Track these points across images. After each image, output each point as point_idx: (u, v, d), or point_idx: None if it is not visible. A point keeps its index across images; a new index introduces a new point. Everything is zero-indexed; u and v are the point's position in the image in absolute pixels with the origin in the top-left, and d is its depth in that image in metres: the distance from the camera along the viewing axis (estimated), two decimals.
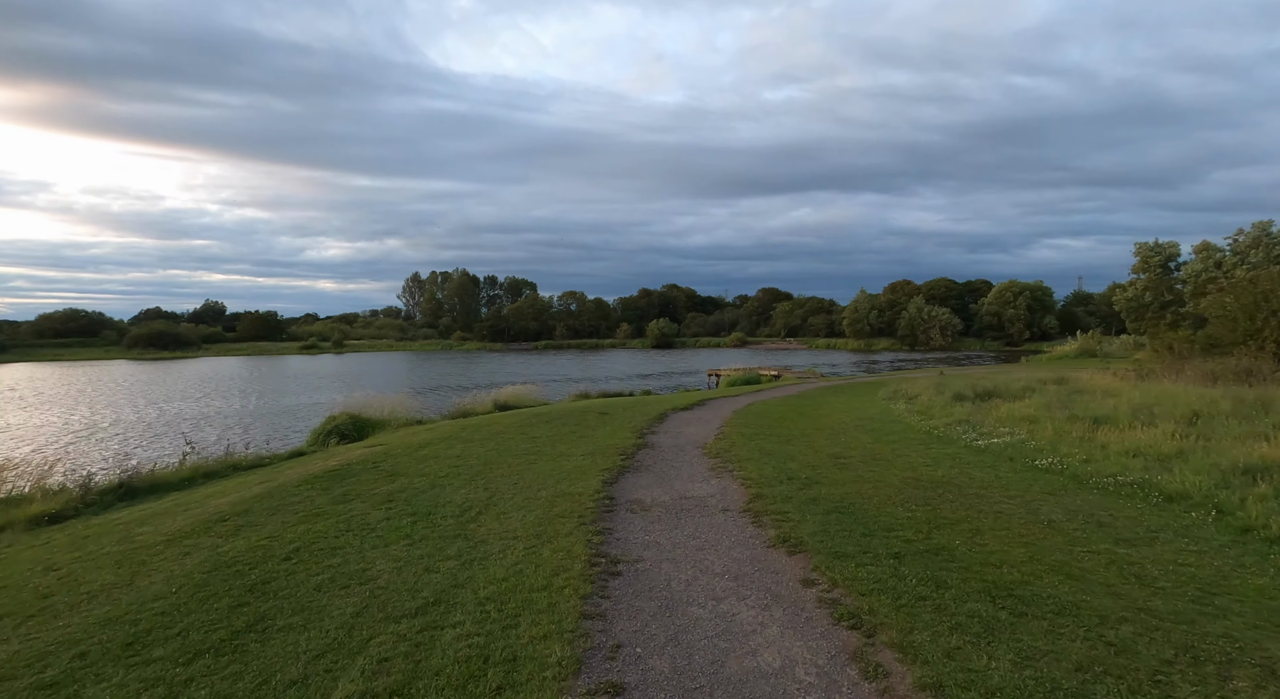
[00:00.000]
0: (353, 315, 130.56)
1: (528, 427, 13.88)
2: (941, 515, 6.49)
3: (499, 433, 12.91)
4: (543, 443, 11.57)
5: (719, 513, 6.93)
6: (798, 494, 7.45)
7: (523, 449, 10.93)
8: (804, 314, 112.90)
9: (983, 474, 8.45)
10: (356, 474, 9.00)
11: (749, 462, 9.61)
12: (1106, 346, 62.99)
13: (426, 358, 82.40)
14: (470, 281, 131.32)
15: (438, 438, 12.43)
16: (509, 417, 16.40)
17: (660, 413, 16.36)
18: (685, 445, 11.69)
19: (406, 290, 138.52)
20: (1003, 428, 11.94)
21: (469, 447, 11.27)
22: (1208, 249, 57.85)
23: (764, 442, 11.73)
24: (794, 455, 10.25)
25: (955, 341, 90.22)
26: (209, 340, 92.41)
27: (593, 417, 15.60)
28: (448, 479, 8.60)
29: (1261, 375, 20.40)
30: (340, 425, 19.12)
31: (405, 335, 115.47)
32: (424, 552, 5.70)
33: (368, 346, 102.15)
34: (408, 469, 9.29)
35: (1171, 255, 64.66)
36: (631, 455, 10.47)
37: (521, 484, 8.24)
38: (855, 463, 9.48)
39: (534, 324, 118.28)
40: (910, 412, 15.93)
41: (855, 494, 7.47)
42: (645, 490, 8.03)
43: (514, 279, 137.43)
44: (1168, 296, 62.80)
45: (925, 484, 7.95)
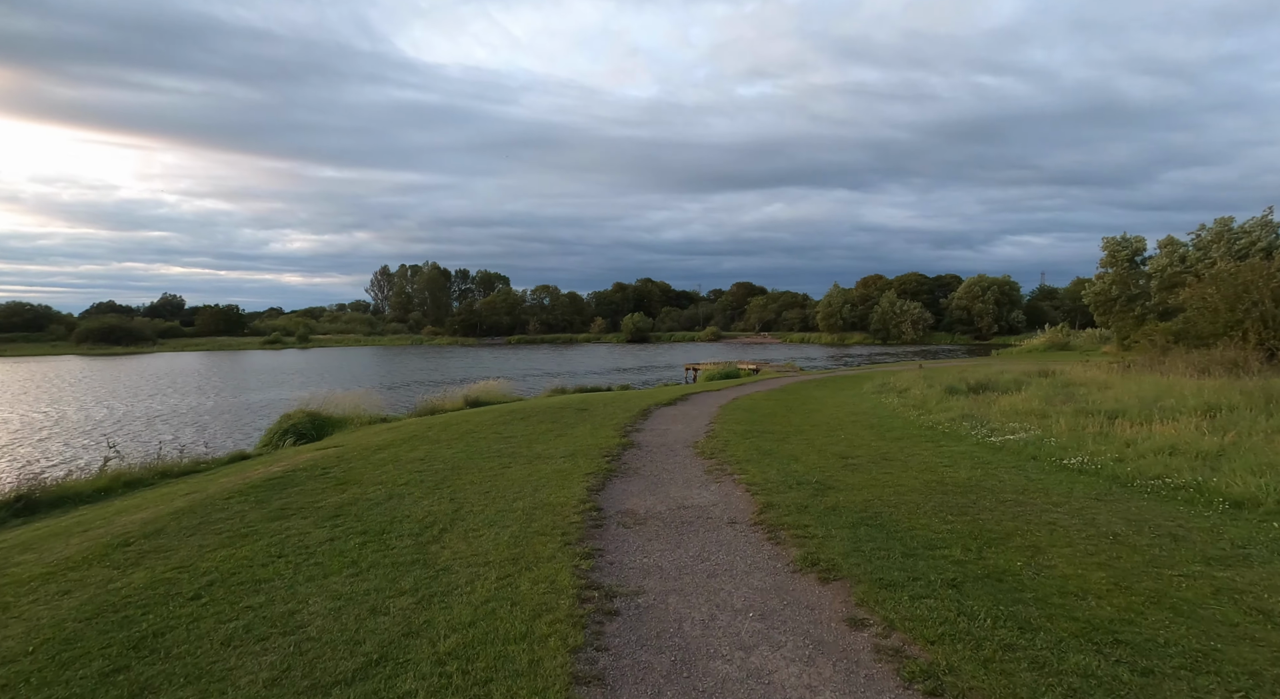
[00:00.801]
0: (319, 309, 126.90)
1: (501, 425, 12.74)
2: (986, 528, 5.58)
3: (469, 432, 11.76)
4: (518, 443, 10.46)
5: (726, 526, 5.94)
6: (813, 502, 6.49)
7: (495, 451, 9.81)
8: (778, 308, 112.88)
9: (1011, 476, 7.60)
10: (301, 482, 7.79)
11: (749, 463, 8.64)
12: (1074, 340, 63.82)
13: (395, 353, 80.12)
14: (441, 275, 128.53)
15: (400, 438, 11.23)
16: (480, 414, 15.22)
17: (643, 408, 15.34)
18: (674, 444, 10.69)
19: (375, 284, 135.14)
20: (1011, 423, 11.18)
21: (435, 448, 10.11)
22: (1172, 244, 58.73)
23: (759, 440, 10.78)
24: (796, 455, 9.31)
25: (926, 335, 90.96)
26: (165, 335, 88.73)
27: (571, 413, 14.50)
28: (408, 488, 7.45)
29: (1249, 367, 20.19)
30: (297, 424, 17.72)
31: (374, 330, 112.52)
32: (372, 584, 4.59)
33: (334, 341, 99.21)
34: (362, 475, 8.11)
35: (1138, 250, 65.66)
36: (617, 457, 9.43)
37: (494, 493, 7.14)
38: (865, 464, 8.58)
39: (507, 318, 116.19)
40: (905, 406, 15.16)
41: (877, 501, 6.54)
42: (637, 499, 7.00)
43: (486, 273, 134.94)
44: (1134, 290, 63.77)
45: (952, 488, 7.06)
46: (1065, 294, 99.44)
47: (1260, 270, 24.42)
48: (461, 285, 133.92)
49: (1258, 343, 22.71)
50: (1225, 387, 14.67)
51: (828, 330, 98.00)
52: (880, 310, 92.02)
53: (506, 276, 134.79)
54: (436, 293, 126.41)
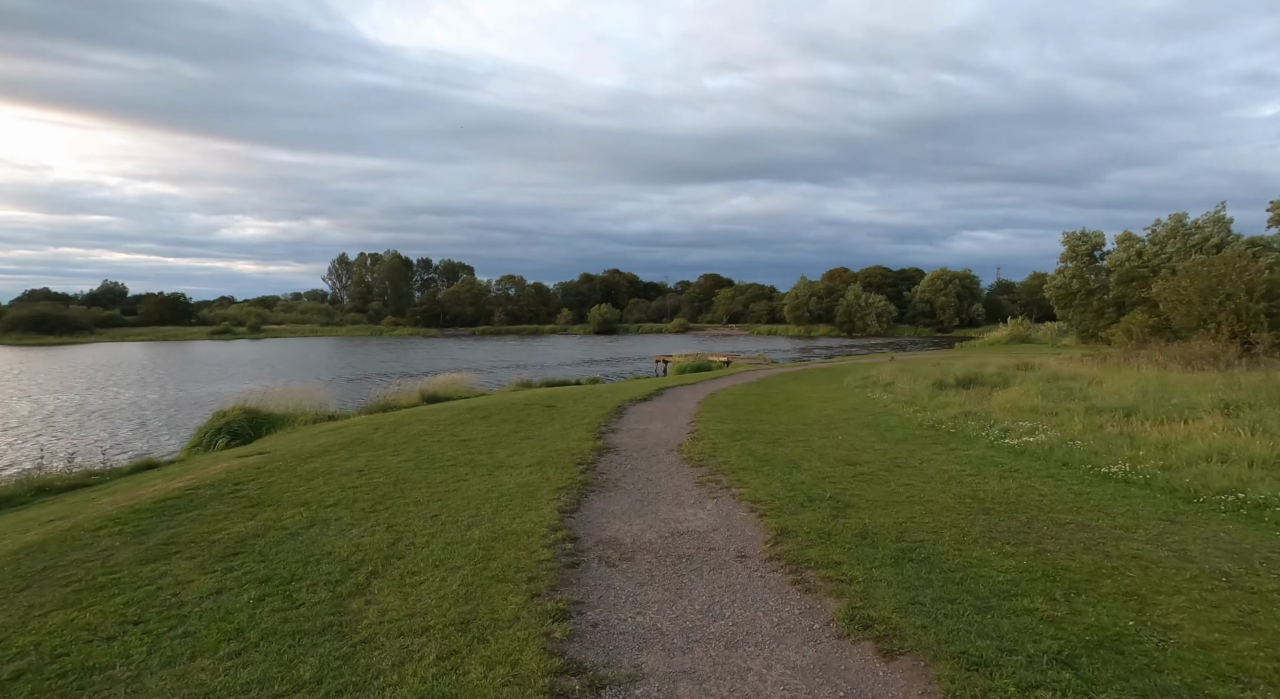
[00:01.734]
0: (273, 298, 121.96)
1: (459, 425, 11.33)
2: (1059, 564, 4.50)
3: (421, 434, 10.33)
4: (477, 448, 9.09)
5: (736, 562, 4.73)
6: (835, 527, 5.33)
7: (449, 458, 8.43)
8: (745, 300, 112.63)
9: (1052, 489, 6.58)
10: (202, 504, 6.31)
11: (746, 472, 7.47)
12: (1034, 333, 64.83)
13: (354, 344, 77.11)
14: (402, 264, 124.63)
15: (340, 442, 9.74)
16: (437, 411, 13.75)
17: (616, 405, 14.08)
18: (656, 448, 9.46)
19: (333, 272, 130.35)
20: (1021, 422, 10.26)
21: (378, 456, 8.68)
22: (1130, 239, 59.79)
23: (751, 442, 9.63)
24: (797, 462, 8.18)
25: (890, 328, 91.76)
26: (105, 325, 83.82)
27: (538, 411, 13.16)
28: (337, 510, 6.06)
29: (1228, 360, 19.95)
30: (231, 423, 15.96)
31: (331, 320, 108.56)
32: (257, 673, 3.24)
33: (289, 332, 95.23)
34: (282, 494, 6.67)
35: (1097, 244, 66.84)
36: (592, 465, 8.15)
37: (444, 517, 5.80)
38: (878, 473, 7.49)
39: (471, 309, 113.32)
40: (896, 401, 14.23)
41: (912, 525, 5.42)
42: (621, 522, 5.75)
43: (450, 262, 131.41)
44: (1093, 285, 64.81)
45: (991, 505, 5.99)
46: (1022, 288, 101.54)
47: (1232, 263, 24.37)
48: (424, 275, 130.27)
49: (1231, 335, 22.62)
50: (1221, 380, 14.13)
51: (795, 323, 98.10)
52: (846, 303, 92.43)
53: (471, 266, 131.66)
54: (398, 282, 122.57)
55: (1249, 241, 51.67)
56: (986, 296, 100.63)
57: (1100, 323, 55.01)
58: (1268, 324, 22.85)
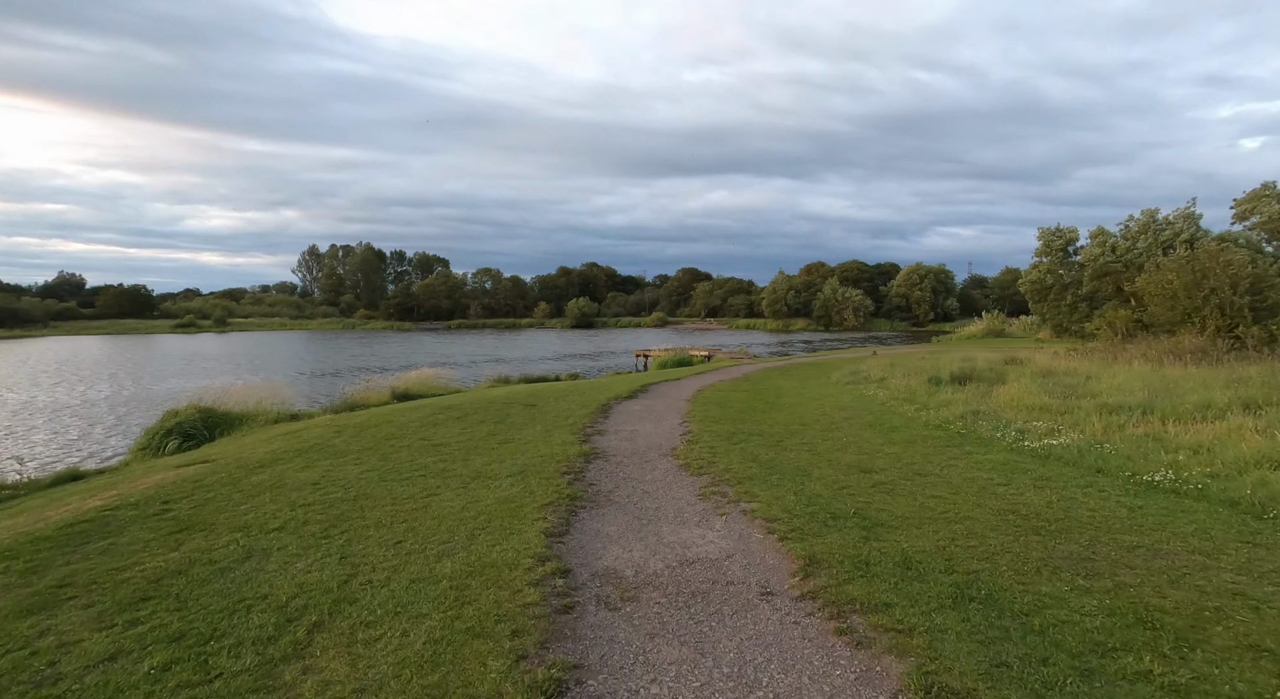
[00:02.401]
0: (240, 291, 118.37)
1: (431, 426, 10.38)
2: (1150, 604, 3.77)
3: (389, 438, 9.36)
4: (450, 455, 8.17)
5: (761, 601, 3.94)
6: (871, 553, 4.56)
7: (419, 467, 7.50)
8: (724, 294, 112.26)
9: (1096, 501, 5.89)
10: (120, 528, 5.33)
11: (753, 482, 6.68)
12: (1009, 327, 65.44)
13: (325, 338, 75.00)
14: (375, 256, 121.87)
15: (296, 448, 8.74)
16: (408, 411, 12.76)
17: (601, 403, 13.22)
18: (648, 452, 8.63)
19: (303, 264, 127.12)
20: (1035, 422, 9.63)
21: (338, 465, 7.71)
22: (1103, 234, 60.47)
23: (750, 445, 8.86)
24: (805, 468, 7.42)
25: (867, 322, 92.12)
26: (60, 317, 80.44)
27: (518, 410, 12.25)
28: (281, 535, 5.12)
29: (1217, 355, 19.76)
30: (184, 423, 14.77)
31: (301, 313, 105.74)
32: None
33: (257, 325, 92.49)
34: (218, 514, 5.70)
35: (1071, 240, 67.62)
36: (580, 473, 7.30)
37: (409, 544, 4.91)
38: (899, 482, 6.75)
39: (446, 302, 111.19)
40: (894, 399, 13.59)
41: (958, 549, 4.68)
42: (619, 548, 4.92)
43: (424, 255, 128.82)
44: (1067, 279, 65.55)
45: (1039, 524, 5.28)
46: (995, 283, 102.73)
47: (1216, 257, 24.25)
48: (398, 267, 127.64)
49: (1216, 330, 22.49)
50: (1223, 376, 13.76)
51: (773, 317, 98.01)
52: (823, 297, 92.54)
53: (446, 259, 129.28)
54: (370, 275, 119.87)
55: (1218, 237, 52.53)
56: (960, 291, 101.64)
57: (1074, 317, 55.54)
58: (1252, 318, 22.77)
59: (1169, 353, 19.55)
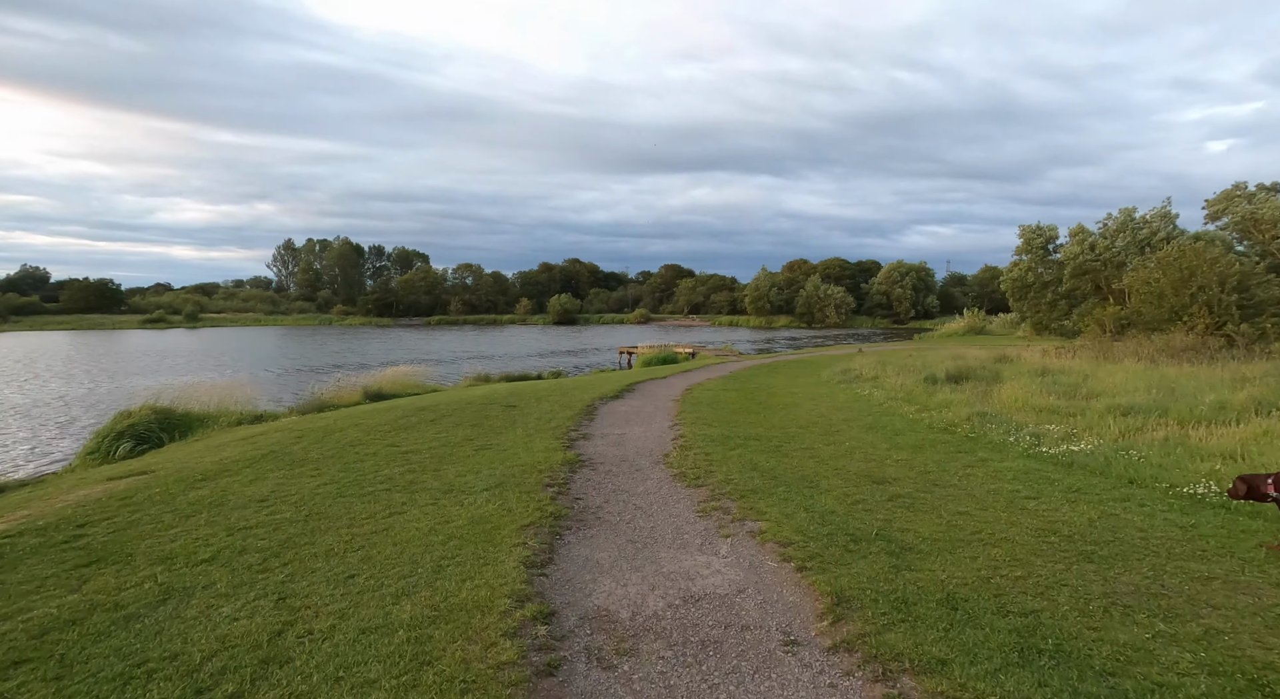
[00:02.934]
0: (213, 285, 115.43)
1: (402, 430, 9.57)
2: (1254, 659, 3.15)
3: (354, 444, 8.55)
4: (421, 464, 7.39)
5: (784, 655, 3.26)
6: (905, 588, 3.91)
7: (384, 479, 6.72)
8: (706, 291, 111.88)
9: (1141, 518, 5.30)
10: (15, 562, 4.48)
11: (757, 496, 6.01)
12: (989, 325, 65.82)
13: (301, 334, 73.25)
14: (353, 251, 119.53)
15: (249, 456, 7.89)
16: (378, 412, 11.92)
17: (586, 404, 12.50)
18: (638, 459, 7.93)
19: (278, 259, 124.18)
20: (1047, 426, 9.09)
21: (293, 476, 6.90)
22: (1082, 232, 61.00)
23: (748, 451, 8.20)
24: (811, 479, 6.77)
25: (849, 319, 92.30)
26: (21, 312, 77.70)
27: (497, 412, 11.47)
28: (211, 569, 4.34)
29: (1209, 353, 19.55)
30: (138, 425, 13.78)
31: (277, 309, 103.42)
32: None
33: (230, 321, 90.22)
34: (140, 542, 4.89)
35: (1051, 238, 68.13)
36: (564, 485, 6.57)
37: (363, 579, 4.16)
38: (918, 496, 6.12)
39: (426, 298, 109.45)
40: (891, 399, 13.03)
41: (1001, 580, 4.03)
42: (611, 581, 4.21)
43: (403, 250, 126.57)
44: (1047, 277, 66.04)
45: (1088, 548, 4.66)
46: (974, 281, 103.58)
47: (1203, 255, 24.13)
48: (376, 262, 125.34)
49: (1206, 328, 22.34)
50: (1227, 374, 13.40)
51: (756, 314, 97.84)
52: (806, 294, 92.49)
53: (426, 254, 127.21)
54: (348, 270, 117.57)
55: (1193, 236, 53.15)
56: (940, 289, 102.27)
57: (1054, 315, 55.91)
58: (1239, 316, 22.66)
59: (1161, 351, 19.30)
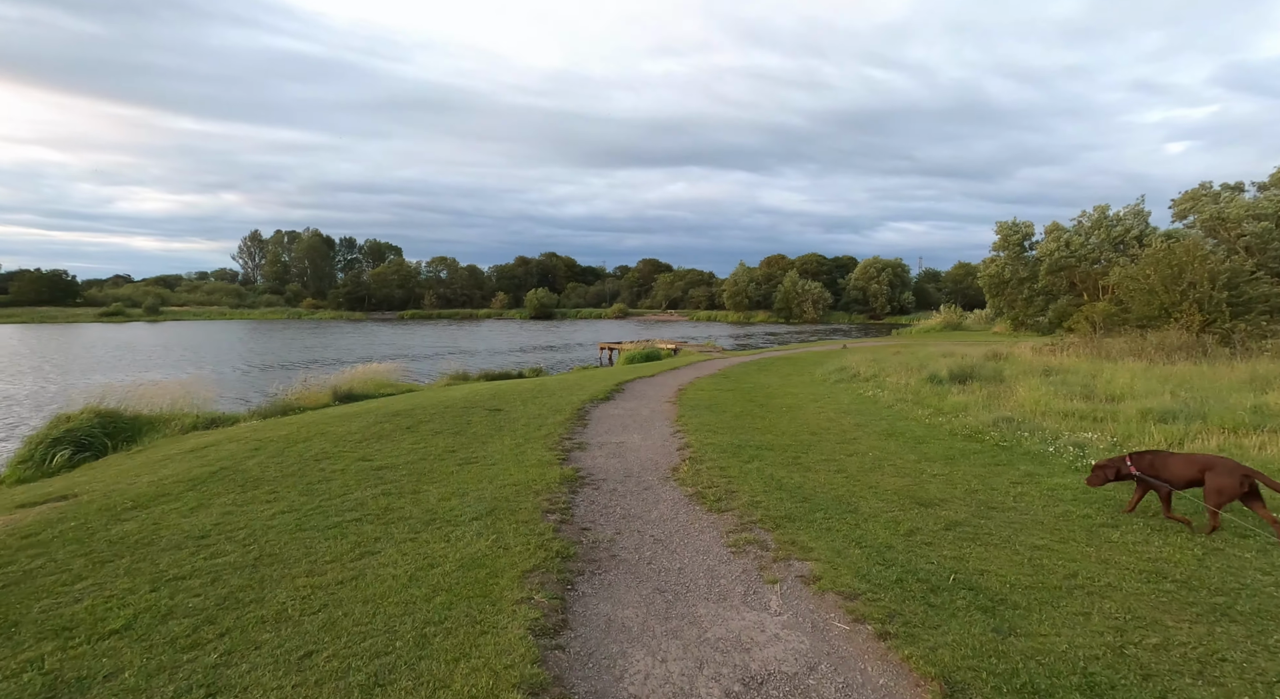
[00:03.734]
0: (175, 277, 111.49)
1: (375, 440, 8.53)
2: None
3: (319, 458, 7.49)
4: (397, 484, 6.39)
5: None
6: (1028, 665, 3.06)
7: (353, 505, 5.71)
8: (685, 286, 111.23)
9: (1266, 562, 4.55)
10: None
11: (794, 525, 5.14)
12: (965, 320, 66.22)
13: (268, 328, 70.79)
14: (323, 243, 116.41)
15: (193, 476, 6.79)
16: (349, 417, 10.82)
17: (576, 407, 11.56)
18: (645, 473, 7.02)
19: (244, 251, 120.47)
20: (1083, 432, 8.39)
21: (243, 503, 5.84)
22: (1057, 229, 61.58)
23: (765, 463, 7.34)
24: (847, 500, 5.93)
25: (826, 314, 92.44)
26: None
27: (480, 416, 10.47)
28: (120, 646, 3.31)
29: (1204, 350, 19.29)
30: (77, 429, 12.49)
31: (243, 302, 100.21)
32: None
33: (193, 314, 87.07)
34: (32, 601, 3.81)
35: (1027, 234, 68.73)
36: (566, 510, 5.64)
37: (320, 665, 3.18)
38: (975, 522, 5.32)
39: (399, 292, 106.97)
40: (899, 401, 12.31)
41: (1137, 651, 3.23)
42: (644, 654, 3.30)
43: (375, 242, 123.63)
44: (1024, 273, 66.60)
45: (1219, 602, 3.88)
46: (948, 277, 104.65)
47: (1193, 252, 23.95)
48: (348, 255, 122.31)
49: (1200, 326, 22.14)
50: (1243, 373, 12.96)
51: (734, 309, 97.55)
52: (784, 290, 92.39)
53: (399, 247, 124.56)
54: (318, 262, 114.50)
55: (1165, 234, 53.92)
56: (915, 285, 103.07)
57: (1030, 311, 56.28)
58: (1229, 314, 22.51)
59: (1156, 348, 18.97)
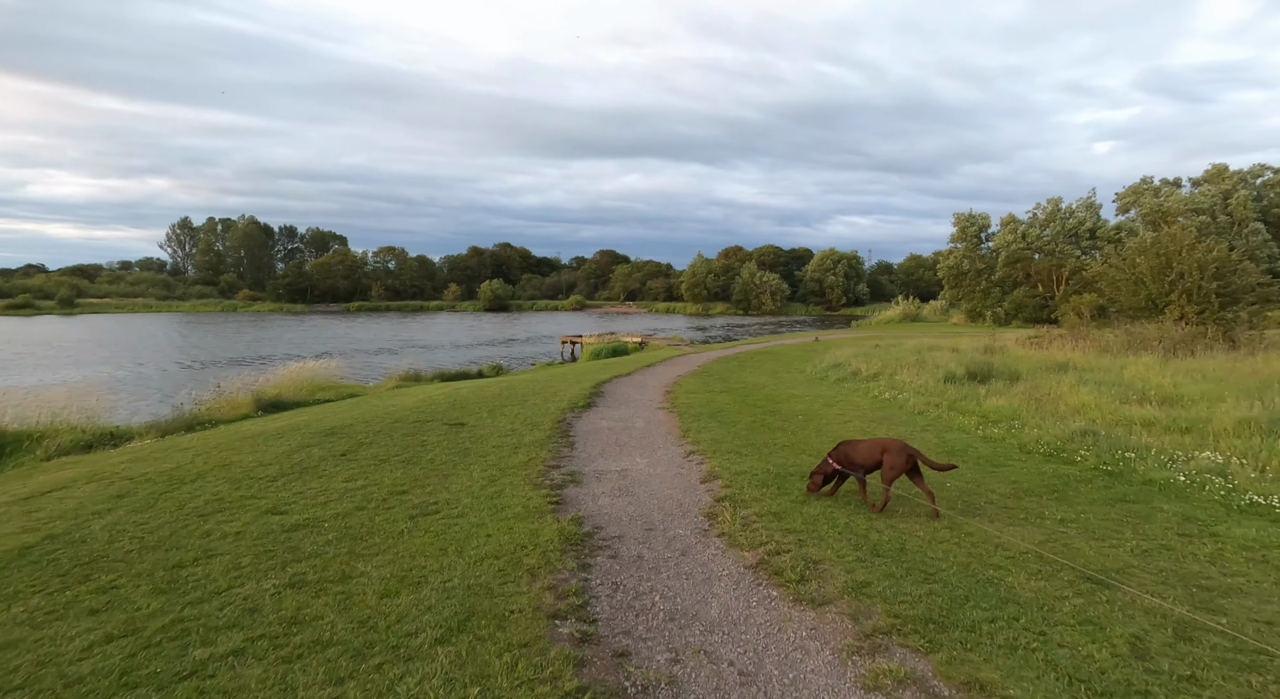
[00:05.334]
0: (94, 267, 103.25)
1: (294, 475, 6.31)
2: None
3: (203, 515, 5.24)
4: (315, 568, 4.21)
5: None
6: None
7: (231, 622, 3.53)
8: (643, 277, 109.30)
9: None
10: None
11: (947, 638, 3.28)
12: (921, 311, 66.57)
13: (199, 321, 65.73)
14: (261, 231, 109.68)
15: (11, 545, 4.50)
16: (267, 437, 8.48)
17: (555, 419, 9.53)
18: (672, 524, 5.05)
19: (172, 239, 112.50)
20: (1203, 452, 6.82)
21: (48, 617, 3.59)
22: (1013, 222, 62.16)
23: (831, 507, 5.49)
24: (993, 580, 4.11)
25: (784, 306, 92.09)
26: None
27: (437, 435, 8.31)
28: None
29: (1207, 343, 18.50)
30: None
31: (172, 294, 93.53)
32: None
33: (115, 307, 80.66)
34: None
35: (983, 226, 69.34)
36: (582, 610, 3.64)
37: None
38: (1207, 629, 3.57)
39: (345, 283, 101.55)
40: (928, 404, 10.70)
41: None
42: None
43: (318, 231, 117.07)
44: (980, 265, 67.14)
45: None
46: (900, 269, 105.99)
47: (1181, 241, 23.27)
48: (288, 244, 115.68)
49: (1193, 317, 21.43)
50: None
51: (692, 300, 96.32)
52: (742, 281, 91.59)
53: (344, 237, 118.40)
54: (256, 251, 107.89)
55: (1116, 226, 54.85)
56: (868, 277, 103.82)
57: (987, 302, 56.53)
58: (1218, 305, 21.90)
59: (1159, 341, 18.06)
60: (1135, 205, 61.58)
